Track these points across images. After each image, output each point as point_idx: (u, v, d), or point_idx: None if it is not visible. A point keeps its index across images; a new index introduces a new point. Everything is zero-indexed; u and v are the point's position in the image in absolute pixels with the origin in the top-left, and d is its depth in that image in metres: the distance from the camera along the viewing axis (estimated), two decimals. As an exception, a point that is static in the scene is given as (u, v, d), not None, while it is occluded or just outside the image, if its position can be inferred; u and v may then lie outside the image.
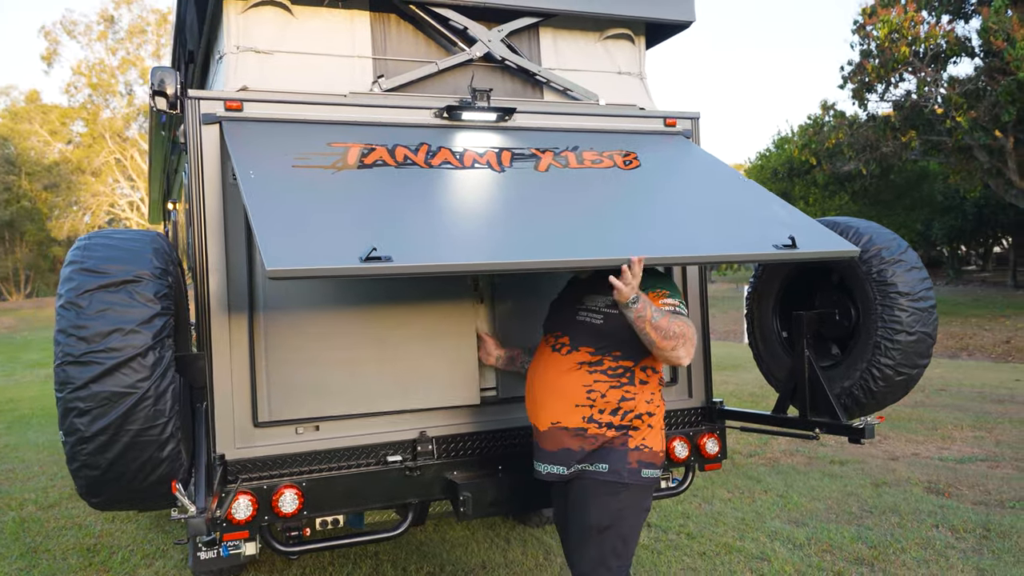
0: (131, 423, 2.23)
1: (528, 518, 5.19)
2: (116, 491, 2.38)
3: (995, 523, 5.03)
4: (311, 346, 3.16)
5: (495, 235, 2.71)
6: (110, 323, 2.23)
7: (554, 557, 4.66)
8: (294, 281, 2.93)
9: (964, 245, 30.78)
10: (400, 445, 3.25)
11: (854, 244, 3.24)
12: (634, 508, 2.82)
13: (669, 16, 3.82)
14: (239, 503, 2.90)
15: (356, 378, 3.34)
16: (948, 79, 17.76)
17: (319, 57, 3.34)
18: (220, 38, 3.34)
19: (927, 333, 3.14)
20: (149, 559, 4.89)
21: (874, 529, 5.01)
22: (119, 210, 39.67)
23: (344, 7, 3.39)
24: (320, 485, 3.07)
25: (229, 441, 3.00)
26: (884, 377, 3.14)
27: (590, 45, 3.82)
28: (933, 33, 17.05)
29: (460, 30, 3.51)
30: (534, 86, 3.66)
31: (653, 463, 2.85)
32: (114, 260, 2.34)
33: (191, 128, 2.99)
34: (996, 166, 18.05)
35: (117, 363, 2.21)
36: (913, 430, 8.06)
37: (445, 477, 3.26)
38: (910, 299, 3.10)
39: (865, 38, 18.28)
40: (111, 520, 5.73)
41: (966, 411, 9.01)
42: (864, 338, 3.19)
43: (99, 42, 37.89)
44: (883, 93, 19.06)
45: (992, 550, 4.59)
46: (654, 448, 2.86)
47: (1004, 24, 15.06)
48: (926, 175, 24.52)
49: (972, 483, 6.03)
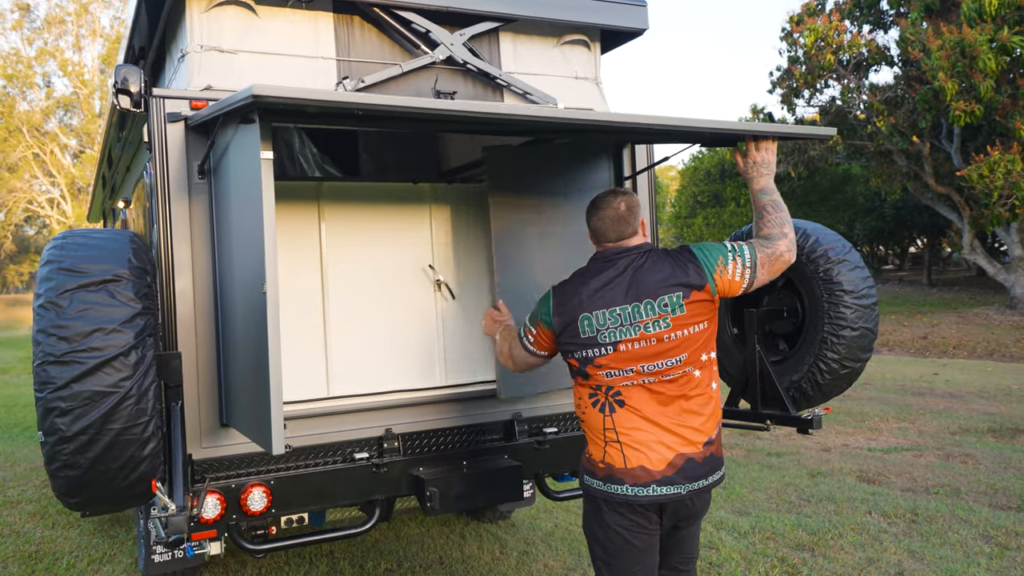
0: (113, 422, 2.22)
1: (482, 514, 5.27)
2: (96, 491, 2.36)
3: (922, 508, 5.34)
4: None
5: None
6: (91, 322, 2.22)
7: (509, 551, 4.75)
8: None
9: (883, 245, 32.12)
10: (366, 442, 3.29)
11: (801, 244, 3.42)
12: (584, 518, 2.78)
13: (623, 24, 3.94)
14: (207, 502, 2.90)
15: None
16: (869, 86, 18.55)
17: (283, 57, 3.34)
18: (181, 36, 3.32)
19: (869, 328, 3.34)
20: (96, 564, 4.79)
21: (812, 516, 5.26)
22: (37, 207, 38.04)
23: (308, 8, 3.40)
24: (288, 483, 3.09)
25: (195, 441, 2.99)
26: (830, 370, 3.32)
27: (548, 50, 3.91)
28: (856, 42, 17.79)
29: (423, 33, 3.56)
30: (494, 89, 3.74)
31: (588, 469, 2.68)
32: (93, 259, 2.32)
33: (155, 127, 2.97)
34: (913, 170, 18.94)
35: (99, 362, 2.20)
36: (843, 422, 8.44)
37: (411, 473, 3.31)
38: (854, 297, 3.28)
39: (793, 45, 18.94)
40: (51, 527, 5.57)
41: (890, 404, 9.47)
42: (811, 334, 3.37)
43: (14, 31, 36.27)
44: (810, 98, 19.80)
45: (920, 533, 4.88)
46: (590, 454, 2.68)
47: (920, 35, 15.83)
48: (849, 178, 25.52)
49: (899, 471, 6.37)
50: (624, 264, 2.62)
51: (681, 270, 2.58)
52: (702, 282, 2.57)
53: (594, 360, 2.57)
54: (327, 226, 3.40)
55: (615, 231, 2.66)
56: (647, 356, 2.54)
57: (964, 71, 14.66)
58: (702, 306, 2.57)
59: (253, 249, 2.51)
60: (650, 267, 2.59)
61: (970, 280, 24.99)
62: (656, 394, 2.56)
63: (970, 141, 18.34)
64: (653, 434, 2.55)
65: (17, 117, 36.00)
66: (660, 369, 2.55)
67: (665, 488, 2.54)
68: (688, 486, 2.56)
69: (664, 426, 2.56)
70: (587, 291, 2.61)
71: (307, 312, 3.36)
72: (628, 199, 2.70)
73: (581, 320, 2.59)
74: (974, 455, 6.84)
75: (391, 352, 3.49)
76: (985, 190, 15.34)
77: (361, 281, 3.46)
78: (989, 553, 4.49)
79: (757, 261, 2.64)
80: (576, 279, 2.70)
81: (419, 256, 3.58)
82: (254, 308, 2.53)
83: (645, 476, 2.53)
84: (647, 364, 2.54)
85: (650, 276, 2.57)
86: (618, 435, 2.57)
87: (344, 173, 5.62)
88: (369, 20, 3.53)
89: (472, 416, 3.53)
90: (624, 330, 2.54)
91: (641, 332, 2.53)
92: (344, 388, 3.40)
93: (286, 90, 2.16)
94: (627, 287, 2.57)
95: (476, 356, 3.64)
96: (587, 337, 2.58)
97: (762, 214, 2.77)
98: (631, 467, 2.54)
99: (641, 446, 2.54)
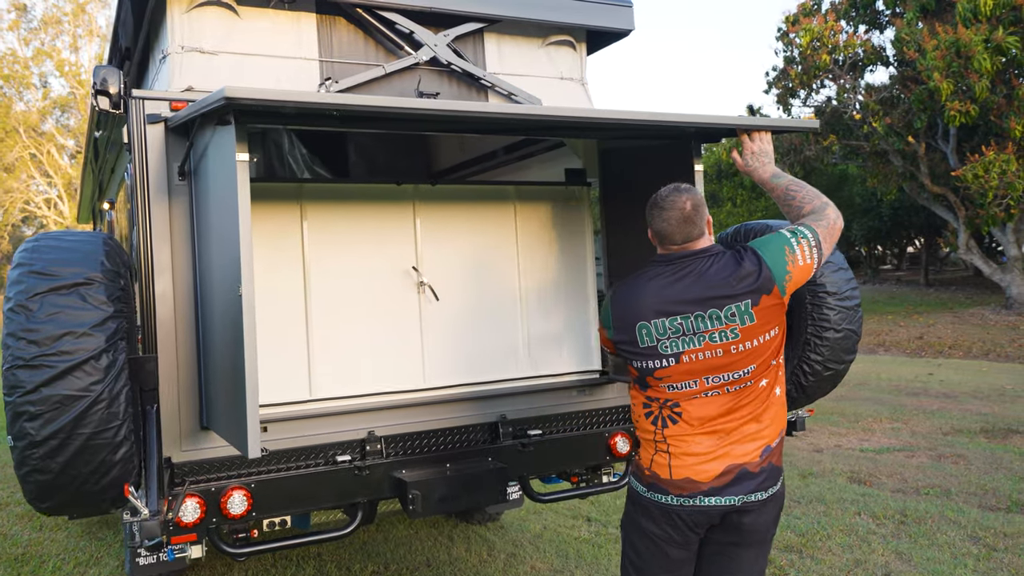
0: (84, 427, 2.21)
1: (471, 516, 5.26)
2: (67, 495, 2.34)
3: (911, 509, 5.33)
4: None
5: None
6: (61, 326, 2.20)
7: (497, 553, 4.74)
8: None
9: (881, 245, 32.12)
10: (349, 445, 3.27)
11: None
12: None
13: (609, 24, 3.93)
14: (186, 506, 2.88)
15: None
16: (865, 86, 18.55)
17: (265, 58, 3.33)
18: (163, 37, 3.30)
19: (853, 330, 3.33)
20: (83, 567, 4.77)
21: (802, 518, 5.25)
22: (34, 207, 37.99)
23: (290, 9, 3.39)
24: (269, 486, 3.07)
25: (175, 444, 2.97)
26: (814, 372, 3.32)
27: (533, 51, 3.90)
28: (851, 42, 17.78)
29: (406, 34, 3.55)
30: (479, 90, 3.73)
31: (635, 473, 2.63)
32: (65, 262, 2.31)
33: (135, 128, 2.95)
34: (909, 170, 18.93)
35: (69, 366, 2.19)
36: (836, 423, 8.43)
37: (394, 476, 3.29)
38: (837, 298, 3.28)
39: (789, 45, 18.94)
40: (39, 529, 5.56)
41: (884, 404, 9.47)
42: (795, 336, 3.37)
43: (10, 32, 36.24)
44: (805, 99, 19.78)
45: (909, 534, 4.87)
46: (639, 458, 2.62)
47: (915, 35, 15.82)
48: (846, 178, 25.51)
49: (891, 472, 6.37)
50: (688, 268, 2.46)
51: (750, 275, 2.42)
52: (771, 286, 2.41)
53: (654, 372, 2.44)
54: (309, 227, 3.39)
55: (682, 233, 2.48)
56: (713, 368, 2.40)
57: (959, 71, 14.66)
58: (772, 311, 2.42)
59: (230, 251, 2.50)
60: (716, 272, 2.44)
61: (967, 280, 25.00)
62: (717, 405, 2.43)
63: (966, 141, 18.33)
64: (706, 447, 2.42)
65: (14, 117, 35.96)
66: (727, 381, 2.41)
67: (715, 499, 2.41)
68: (744, 497, 2.41)
69: (720, 437, 2.42)
70: (646, 297, 2.46)
71: (289, 314, 3.35)
72: (694, 197, 2.51)
73: (639, 328, 2.44)
74: (966, 456, 6.83)
75: (374, 354, 3.48)
76: (980, 190, 15.34)
77: (344, 283, 3.44)
78: (976, 555, 4.49)
79: (820, 238, 2.51)
80: (636, 283, 2.53)
81: (403, 257, 3.57)
82: (231, 310, 2.52)
83: (691, 487, 2.42)
84: (713, 376, 2.40)
85: (716, 282, 2.42)
86: (669, 446, 2.45)
87: (328, 174, 5.62)
88: (352, 21, 3.52)
89: (456, 418, 3.51)
90: (687, 340, 2.40)
91: (706, 342, 2.39)
92: (327, 390, 3.38)
93: (259, 92, 2.14)
94: (691, 294, 2.42)
95: (460, 358, 3.63)
96: (646, 347, 2.43)
97: (789, 197, 2.69)
98: (676, 479, 2.44)
99: (691, 458, 2.43)
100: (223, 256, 2.61)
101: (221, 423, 2.81)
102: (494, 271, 3.77)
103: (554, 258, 3.93)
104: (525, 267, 3.84)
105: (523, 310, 3.81)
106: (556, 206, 3.95)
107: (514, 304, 3.80)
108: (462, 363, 3.64)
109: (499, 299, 3.77)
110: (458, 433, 3.49)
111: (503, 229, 3.82)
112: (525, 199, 3.89)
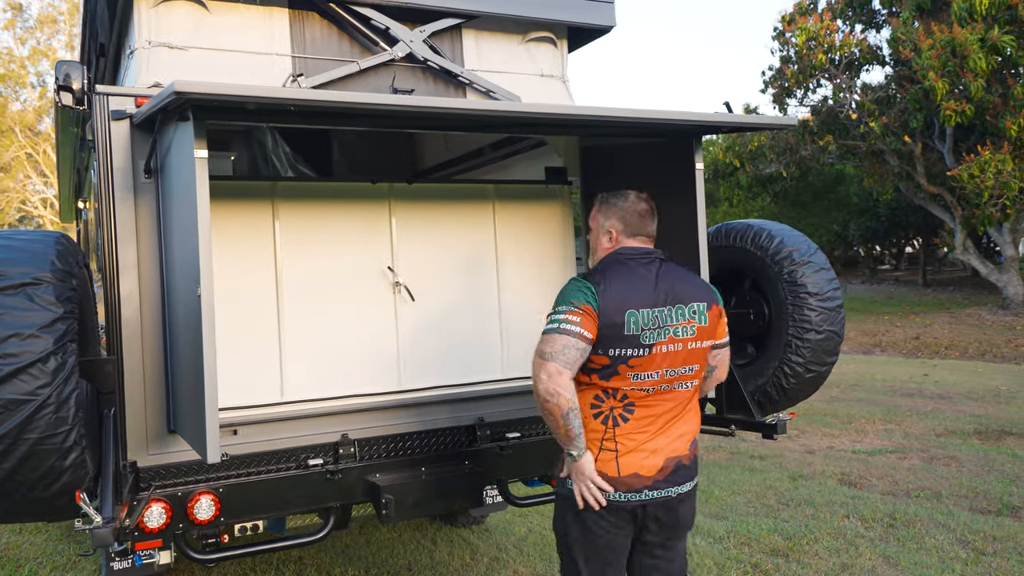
0: (30, 431, 2.14)
1: (455, 518, 5.19)
2: (16, 502, 2.28)
3: (901, 512, 5.27)
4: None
5: None
6: (7, 328, 2.14)
7: (480, 557, 4.67)
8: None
9: (879, 245, 32.06)
10: (321, 448, 3.21)
11: (767, 246, 3.35)
12: (559, 519, 2.68)
13: (590, 20, 3.87)
14: (152, 511, 2.82)
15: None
16: (861, 86, 18.50)
17: (235, 54, 3.27)
18: (131, 32, 3.24)
19: (835, 332, 3.27)
20: (59, 571, 4.71)
21: (790, 521, 5.18)
22: (31, 207, 37.90)
23: (262, 4, 3.33)
24: (237, 491, 3.00)
25: (141, 448, 2.91)
26: (795, 374, 3.26)
27: (513, 47, 3.84)
28: (847, 42, 17.71)
29: (382, 30, 3.48)
30: (456, 87, 3.66)
31: None
32: (12, 262, 2.24)
33: (99, 125, 2.89)
34: (906, 170, 18.87)
35: (14, 369, 2.12)
36: (829, 424, 8.37)
37: (367, 480, 3.23)
38: (819, 299, 3.22)
39: (785, 44, 18.86)
40: (18, 531, 5.49)
41: (878, 405, 9.41)
42: (776, 337, 3.31)
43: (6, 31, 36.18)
44: (802, 98, 19.70)
45: (897, 538, 4.81)
46: None
47: (911, 35, 15.76)
48: (842, 178, 25.42)
49: (882, 474, 6.31)
50: (654, 265, 2.57)
51: (702, 284, 2.65)
52: (718, 299, 2.64)
53: (628, 360, 2.45)
54: (281, 226, 3.33)
55: (640, 226, 2.63)
56: (672, 362, 2.50)
57: (955, 70, 14.60)
58: (715, 321, 2.60)
59: (190, 250, 2.44)
60: (675, 273, 2.58)
61: (964, 280, 24.94)
62: (663, 402, 2.52)
63: (962, 141, 18.27)
64: (651, 442, 2.50)
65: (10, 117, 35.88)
66: (676, 376, 2.52)
67: (656, 492, 2.51)
68: (677, 489, 2.54)
69: (663, 432, 2.52)
70: (630, 287, 2.49)
71: (260, 315, 3.28)
72: (647, 198, 2.68)
73: (628, 316, 2.45)
74: (958, 457, 6.77)
75: (348, 355, 3.41)
76: (976, 190, 15.27)
77: (317, 283, 3.38)
78: (965, 559, 4.42)
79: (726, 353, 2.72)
80: (625, 272, 2.54)
81: (378, 257, 3.50)
82: (192, 311, 2.45)
83: (637, 483, 2.49)
84: (669, 370, 2.50)
85: (679, 281, 2.56)
86: (616, 445, 2.49)
87: (308, 173, 5.56)
88: (326, 16, 3.45)
89: (432, 421, 3.45)
90: (660, 332, 2.47)
91: (671, 336, 2.49)
92: (299, 392, 3.32)
93: (210, 85, 2.08)
94: (663, 289, 2.51)
95: (436, 360, 3.56)
96: (630, 335, 2.45)
97: None
98: (624, 475, 2.48)
99: (637, 455, 2.49)
100: (184, 255, 2.55)
101: (185, 426, 2.74)
102: (472, 271, 3.71)
103: (534, 258, 3.86)
104: (504, 267, 3.77)
105: (502, 311, 3.75)
106: (536, 205, 3.89)
107: (492, 305, 3.74)
108: (439, 365, 3.58)
109: (477, 300, 3.71)
110: (434, 436, 3.43)
111: (482, 229, 3.75)
112: (505, 198, 3.83)
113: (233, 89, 2.15)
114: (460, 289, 3.67)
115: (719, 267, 3.67)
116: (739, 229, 3.53)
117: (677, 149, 3.24)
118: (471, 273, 3.70)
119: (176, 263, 2.71)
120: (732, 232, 3.55)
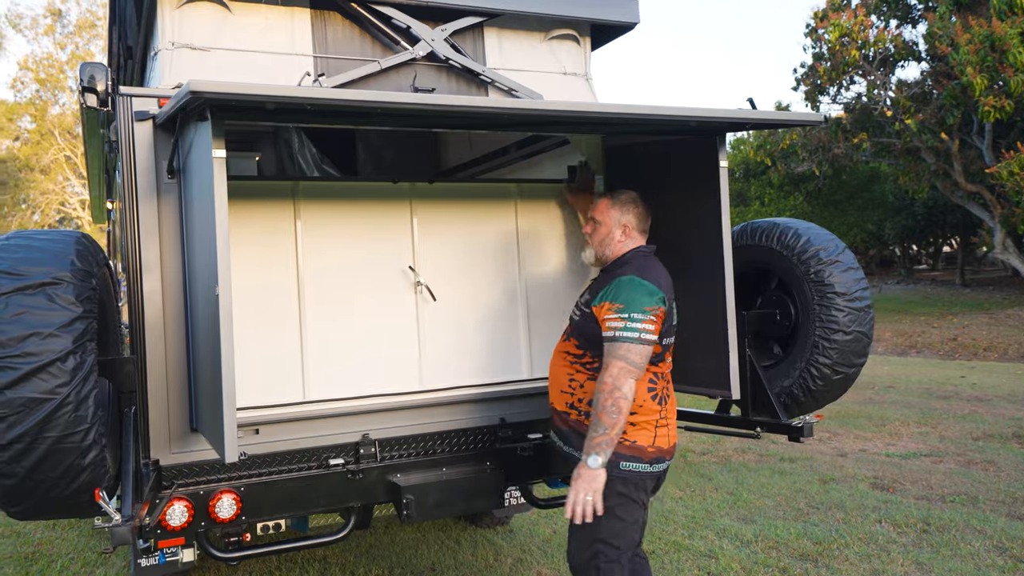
0: (50, 430, 2.16)
1: (480, 519, 5.18)
2: (36, 500, 2.30)
3: (935, 517, 5.14)
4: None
5: None
6: (26, 327, 2.16)
7: (504, 558, 4.65)
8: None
9: (915, 245, 31.45)
10: (342, 448, 3.21)
11: (793, 244, 3.28)
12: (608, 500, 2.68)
13: (613, 17, 3.83)
14: (173, 509, 2.84)
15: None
16: (896, 82, 18.13)
17: (258, 55, 3.28)
18: (155, 34, 3.27)
19: (863, 332, 3.19)
20: (90, 567, 4.77)
21: (820, 525, 5.09)
22: (70, 208, 38.68)
23: (284, 4, 3.33)
24: (259, 490, 3.02)
25: (164, 446, 2.93)
26: (822, 376, 3.18)
27: (535, 45, 3.81)
28: (882, 37, 17.40)
29: (403, 29, 3.48)
30: (478, 86, 3.64)
31: (635, 456, 2.75)
32: (33, 262, 2.26)
33: (123, 126, 2.91)
34: (942, 168, 18.47)
35: (34, 368, 2.13)
36: (862, 427, 8.21)
37: (388, 480, 3.22)
38: (847, 299, 3.15)
39: (817, 41, 18.58)
40: (51, 527, 5.58)
41: (913, 407, 9.21)
42: (803, 338, 3.24)
43: (46, 36, 36.88)
44: (835, 95, 19.40)
45: (931, 544, 4.69)
46: (637, 442, 2.76)
47: (948, 30, 15.43)
48: (877, 176, 24.99)
49: (916, 478, 6.17)
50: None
51: None
52: None
53: (670, 346, 2.87)
54: (303, 225, 3.33)
55: (646, 223, 2.99)
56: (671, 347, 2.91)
57: (994, 65, 14.25)
58: None
59: (209, 249, 2.45)
60: None
61: (1004, 280, 24.35)
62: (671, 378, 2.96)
63: (1002, 138, 17.84)
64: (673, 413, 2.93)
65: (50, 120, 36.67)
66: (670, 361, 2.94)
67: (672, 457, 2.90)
68: None
69: None
70: (667, 281, 2.84)
71: (282, 314, 3.29)
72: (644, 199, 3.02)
73: (672, 305, 2.84)
74: (996, 462, 6.60)
75: (369, 355, 3.41)
76: (1016, 188, 14.90)
77: (339, 282, 3.38)
78: (1002, 566, 4.30)
79: None
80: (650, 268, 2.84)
81: (399, 257, 3.50)
82: (211, 310, 2.46)
83: (672, 450, 2.88)
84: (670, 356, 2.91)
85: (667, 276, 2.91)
86: (668, 420, 2.85)
87: (325, 173, 5.58)
88: (347, 16, 3.45)
89: (453, 421, 3.43)
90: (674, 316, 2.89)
91: (670, 324, 2.86)
92: (321, 392, 3.32)
93: (225, 85, 2.08)
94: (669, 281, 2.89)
95: (457, 360, 3.55)
96: (672, 324, 2.85)
97: None
98: (672, 445, 2.86)
99: (673, 427, 2.89)
100: (204, 255, 2.56)
101: (205, 425, 2.76)
102: (494, 270, 3.69)
103: (557, 257, 3.83)
104: (526, 266, 3.75)
105: (524, 310, 3.72)
106: (559, 204, 3.86)
107: (515, 304, 3.71)
108: (460, 365, 3.56)
109: (499, 299, 3.69)
110: (455, 436, 3.42)
111: (504, 228, 3.73)
112: (527, 197, 3.80)
113: (248, 88, 2.15)
114: (481, 289, 3.65)
115: (744, 266, 3.61)
116: (765, 228, 3.47)
117: (701, 147, 3.19)
118: (493, 273, 3.68)
119: (197, 262, 2.73)
120: (758, 231, 3.48)
